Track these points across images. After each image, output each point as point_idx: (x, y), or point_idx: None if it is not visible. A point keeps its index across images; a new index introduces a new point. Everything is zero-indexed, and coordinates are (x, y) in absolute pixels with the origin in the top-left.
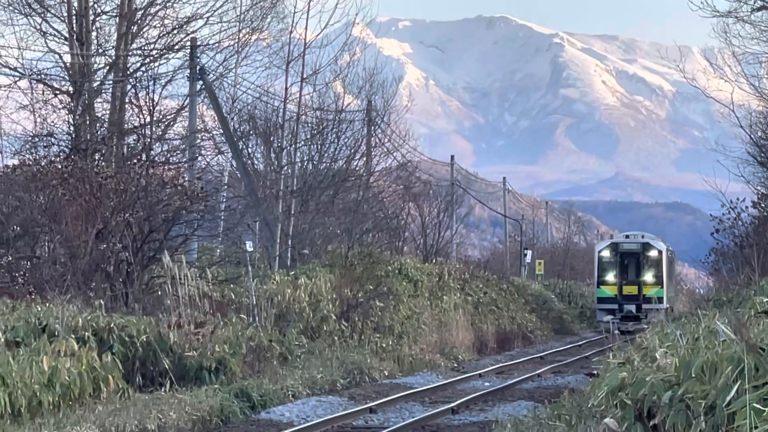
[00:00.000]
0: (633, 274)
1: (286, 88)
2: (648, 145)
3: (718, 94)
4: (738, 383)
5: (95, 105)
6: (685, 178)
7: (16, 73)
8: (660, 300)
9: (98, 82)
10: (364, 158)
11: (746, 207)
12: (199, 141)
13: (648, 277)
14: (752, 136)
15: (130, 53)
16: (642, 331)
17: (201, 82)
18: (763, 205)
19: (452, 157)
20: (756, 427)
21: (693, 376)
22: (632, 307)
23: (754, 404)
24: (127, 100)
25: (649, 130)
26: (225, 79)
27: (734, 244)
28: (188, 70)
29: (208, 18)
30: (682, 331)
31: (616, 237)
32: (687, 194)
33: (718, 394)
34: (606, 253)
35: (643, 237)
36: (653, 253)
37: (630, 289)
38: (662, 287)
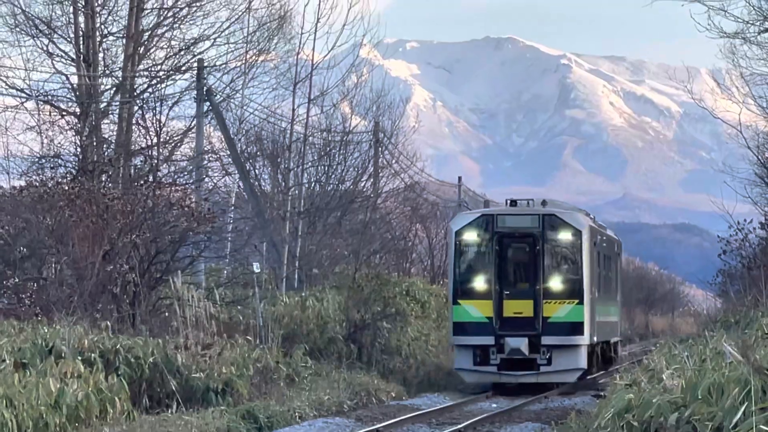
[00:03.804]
0: (523, 276)
1: (294, 110)
2: (655, 165)
3: (726, 115)
4: (745, 405)
5: (102, 126)
6: (692, 198)
7: (23, 95)
8: (576, 329)
9: (105, 104)
10: (372, 179)
11: (754, 228)
12: (206, 162)
13: (553, 281)
14: (760, 157)
15: (137, 74)
16: (550, 389)
17: (208, 104)
18: None
19: (459, 178)
20: None
21: (700, 397)
22: (521, 343)
23: (761, 426)
24: (134, 121)
25: (656, 151)
26: (232, 101)
27: (742, 265)
28: (195, 92)
29: (215, 39)
30: (689, 353)
31: (494, 206)
32: (694, 215)
33: (725, 416)
34: (471, 236)
35: (544, 204)
36: (564, 236)
37: (517, 307)
38: (581, 302)
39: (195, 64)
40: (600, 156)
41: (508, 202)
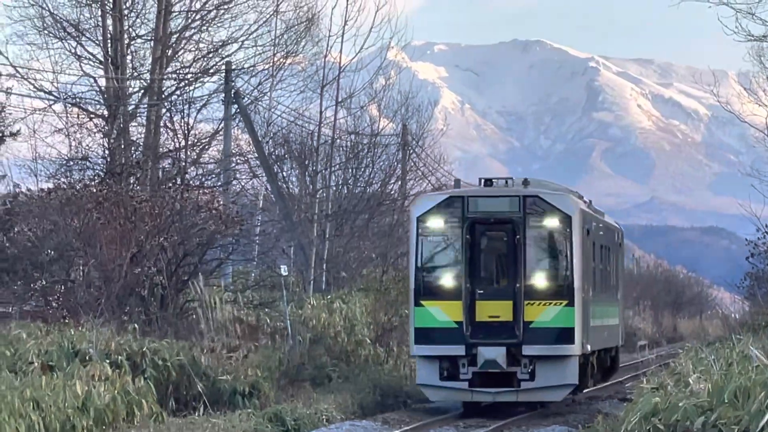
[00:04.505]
0: (501, 272)
1: (321, 112)
2: (683, 169)
3: (753, 118)
4: None
5: (130, 128)
6: (720, 201)
7: (51, 97)
8: (564, 336)
9: (133, 106)
10: (399, 182)
11: None
12: (233, 165)
13: (537, 278)
14: None
15: (165, 77)
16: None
17: (236, 106)
18: None
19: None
20: None
21: (726, 401)
22: (497, 354)
23: None
24: (161, 124)
25: (684, 154)
26: (260, 103)
27: None
28: (223, 94)
29: (243, 42)
30: (716, 356)
31: (466, 187)
32: (722, 218)
33: (751, 420)
34: (436, 223)
35: (526, 184)
36: (550, 223)
37: (493, 309)
38: (571, 303)
39: (223, 67)
40: (628, 159)
41: (483, 181)
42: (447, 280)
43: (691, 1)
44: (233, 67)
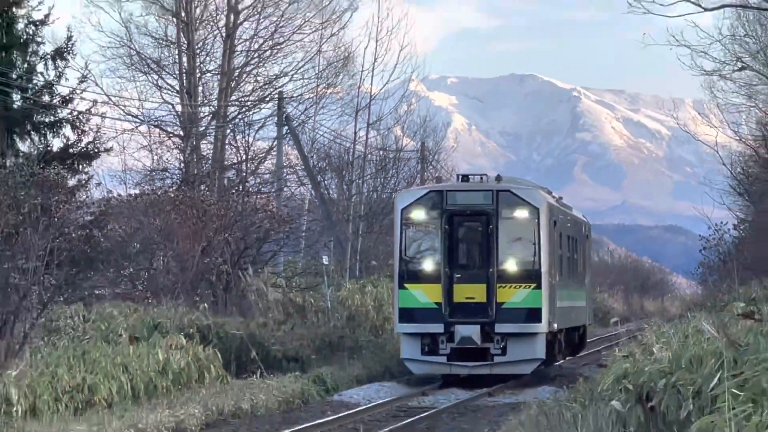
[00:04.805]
0: (476, 258)
1: (355, 132)
2: (649, 178)
3: (706, 137)
4: (720, 373)
5: (201, 146)
6: (679, 205)
7: (137, 120)
8: (533, 315)
9: (203, 128)
10: None
11: (728, 229)
12: (285, 175)
13: (508, 264)
14: (733, 172)
15: (229, 104)
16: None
17: (286, 128)
18: (741, 227)
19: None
20: (734, 408)
21: (683, 366)
22: (472, 332)
23: (733, 390)
24: (226, 142)
25: (649, 167)
26: (306, 125)
27: (718, 259)
28: (276, 118)
29: (292, 75)
30: (675, 330)
31: (445, 182)
32: (681, 219)
33: (703, 382)
34: (418, 214)
35: (499, 180)
36: (520, 214)
37: (469, 292)
38: (539, 286)
39: (276, 96)
40: (604, 170)
41: (460, 177)
42: (428, 265)
43: (656, 45)
44: (284, 96)
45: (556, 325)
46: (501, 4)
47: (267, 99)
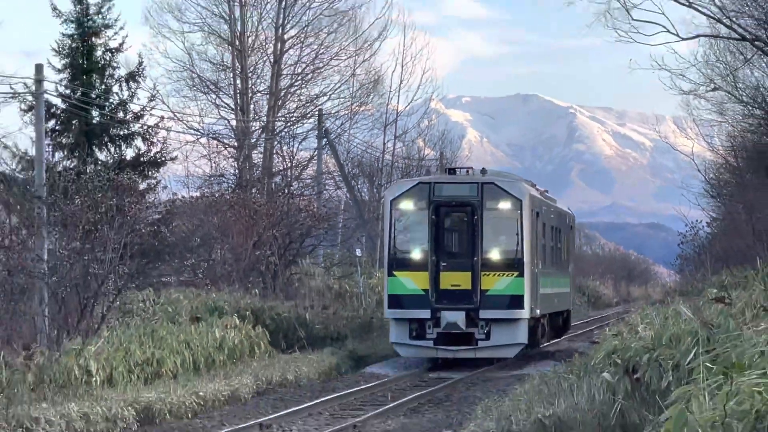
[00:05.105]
0: (461, 247)
1: (384, 144)
2: (635, 183)
3: (683, 148)
4: (695, 349)
5: (252, 155)
6: (661, 206)
7: (198, 133)
8: (515, 302)
9: (254, 140)
10: None
11: (702, 226)
12: (324, 180)
13: (492, 253)
14: (706, 177)
15: (277, 119)
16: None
17: (325, 140)
18: (714, 225)
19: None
20: (707, 379)
21: (664, 343)
22: (458, 317)
23: (706, 363)
24: (274, 152)
25: (635, 173)
26: (341, 137)
27: (694, 252)
28: (317, 131)
29: (330, 95)
30: (657, 313)
31: (434, 174)
32: (662, 218)
33: (681, 357)
34: (407, 205)
35: (484, 173)
36: (503, 206)
37: (455, 279)
38: (521, 275)
39: (316, 112)
40: (596, 176)
41: (447, 170)
42: (416, 254)
43: (641, 68)
44: (323, 112)
45: (538, 311)
46: (507, 35)
47: (308, 115)
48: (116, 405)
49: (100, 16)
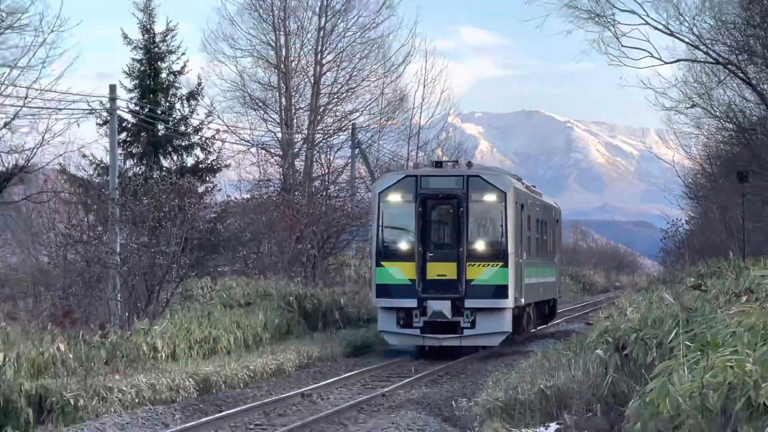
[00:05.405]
0: (447, 238)
1: (408, 153)
2: (624, 187)
3: (666, 156)
4: (676, 329)
5: (295, 163)
6: (647, 207)
7: (249, 144)
8: (500, 292)
9: (297, 149)
10: None
11: (682, 224)
12: (356, 184)
13: (477, 244)
14: (685, 182)
15: (316, 132)
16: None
17: (358, 149)
18: (691, 223)
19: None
20: (686, 355)
21: (649, 324)
22: (443, 306)
23: (685, 342)
24: (314, 160)
25: (624, 178)
26: (372, 147)
27: (675, 246)
28: (350, 142)
29: (362, 111)
30: (643, 298)
31: (423, 168)
32: (647, 216)
33: (664, 336)
34: (395, 197)
35: (470, 166)
36: (488, 198)
37: (441, 269)
38: (505, 265)
39: (350, 126)
40: (590, 181)
41: (434, 163)
42: (403, 244)
43: (629, 87)
44: (356, 126)
45: (523, 300)
46: (513, 59)
47: (343, 128)
48: (178, 377)
49: (164, 43)
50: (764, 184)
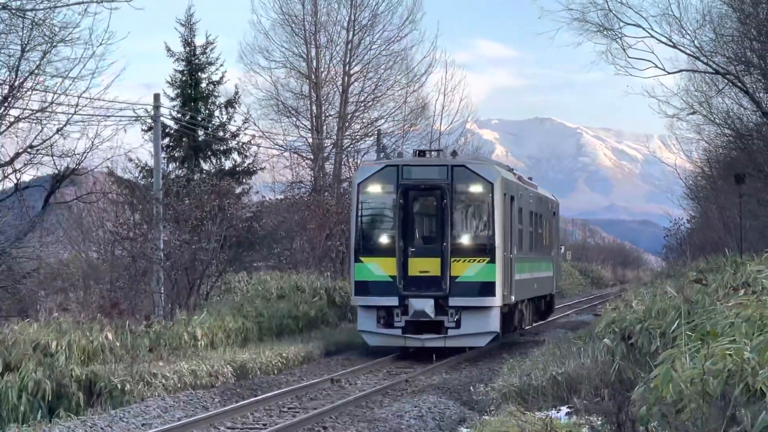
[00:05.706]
0: (430, 232)
1: None
2: (629, 188)
3: (668, 160)
4: (678, 320)
5: (325, 166)
6: (650, 206)
7: (282, 148)
8: (486, 289)
9: (327, 153)
10: None
11: (683, 223)
12: None
13: (463, 238)
14: (686, 184)
15: (344, 138)
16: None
17: (383, 154)
18: (692, 222)
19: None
20: (688, 344)
21: (653, 316)
22: (426, 305)
23: (687, 332)
24: (342, 163)
25: (629, 180)
26: (396, 152)
27: (677, 243)
28: (376, 147)
29: (386, 118)
30: (647, 291)
31: (406, 157)
32: (651, 216)
33: (667, 326)
34: (374, 189)
35: (454, 155)
36: (474, 189)
37: (423, 265)
38: (492, 261)
39: (376, 132)
40: (598, 183)
41: (417, 152)
42: (383, 239)
43: (634, 95)
44: (381, 132)
45: (513, 298)
46: (527, 70)
47: (369, 134)
48: (217, 363)
49: (204, 55)
50: (760, 185)
